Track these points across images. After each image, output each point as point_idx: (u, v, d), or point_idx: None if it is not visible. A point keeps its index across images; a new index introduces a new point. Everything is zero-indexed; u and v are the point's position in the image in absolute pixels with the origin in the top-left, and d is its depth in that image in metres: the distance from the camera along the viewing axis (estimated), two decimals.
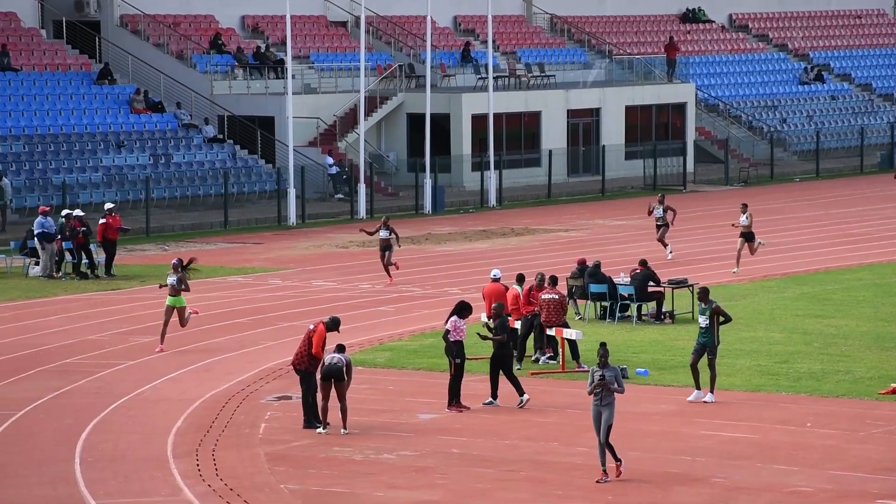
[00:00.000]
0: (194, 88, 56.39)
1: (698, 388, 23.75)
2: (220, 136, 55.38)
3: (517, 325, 26.87)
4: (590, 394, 19.35)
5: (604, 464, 19.23)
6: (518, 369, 26.24)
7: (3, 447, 21.15)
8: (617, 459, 19.32)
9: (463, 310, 23.67)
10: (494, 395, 23.74)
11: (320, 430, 22.10)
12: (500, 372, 23.67)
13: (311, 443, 21.58)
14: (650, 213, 39.45)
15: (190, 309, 28.20)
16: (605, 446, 19.17)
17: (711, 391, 23.70)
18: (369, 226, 39.25)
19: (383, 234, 35.81)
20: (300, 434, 22.05)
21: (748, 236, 36.82)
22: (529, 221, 50.14)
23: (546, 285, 26.75)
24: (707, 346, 23.56)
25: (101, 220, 37.52)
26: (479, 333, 24.31)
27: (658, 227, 39.21)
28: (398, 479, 19.77)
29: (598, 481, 19.19)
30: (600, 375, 19.20)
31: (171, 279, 27.87)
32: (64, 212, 38.84)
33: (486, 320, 25.58)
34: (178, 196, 50.93)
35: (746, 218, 36.69)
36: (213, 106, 56.23)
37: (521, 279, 27.55)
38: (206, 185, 51.63)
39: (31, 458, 20.61)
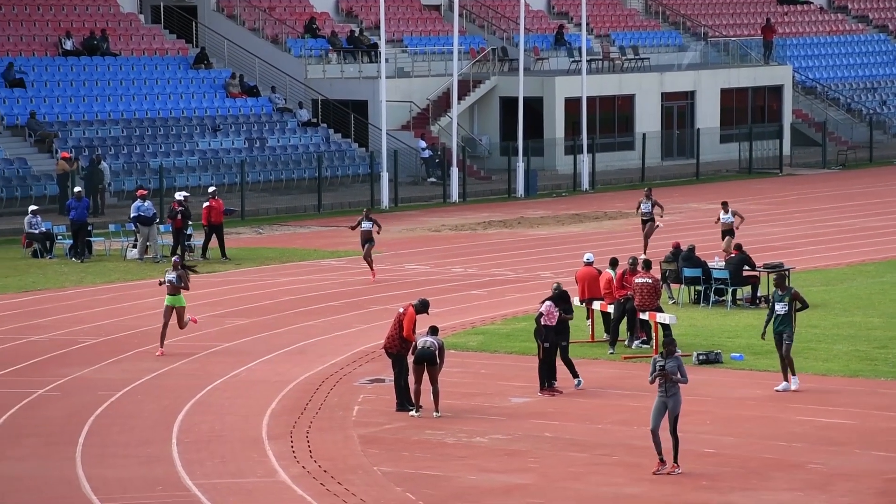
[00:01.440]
0: (289, 72, 56.75)
1: (786, 378, 23.53)
2: (314, 120, 55.69)
3: (610, 309, 26.81)
4: (651, 383, 19.08)
5: (660, 453, 18.88)
6: (611, 353, 26.19)
7: (103, 427, 21.49)
8: (675, 459, 18.85)
9: (560, 299, 23.68)
10: (575, 375, 23.79)
11: (413, 412, 22.20)
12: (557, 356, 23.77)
13: (404, 425, 21.69)
14: (638, 208, 37.79)
15: (189, 316, 26.84)
16: (672, 436, 18.79)
17: (794, 375, 23.44)
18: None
19: (365, 225, 34.22)
20: (393, 417, 22.17)
21: (730, 234, 34.87)
22: (623, 205, 49.88)
23: (639, 269, 26.66)
24: (784, 332, 23.27)
25: (205, 204, 37.80)
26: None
27: (644, 222, 37.50)
28: (490, 462, 19.81)
29: (655, 472, 18.79)
30: (661, 365, 18.92)
31: (171, 276, 26.47)
32: (179, 195, 39.14)
33: (578, 303, 25.55)
34: (272, 179, 51.32)
35: (732, 214, 35.30)
36: (308, 90, 56.56)
37: (614, 263, 27.47)
38: (300, 169, 51.96)
39: (131, 438, 20.91)
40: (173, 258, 27.21)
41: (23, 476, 19.00)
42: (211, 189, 39.42)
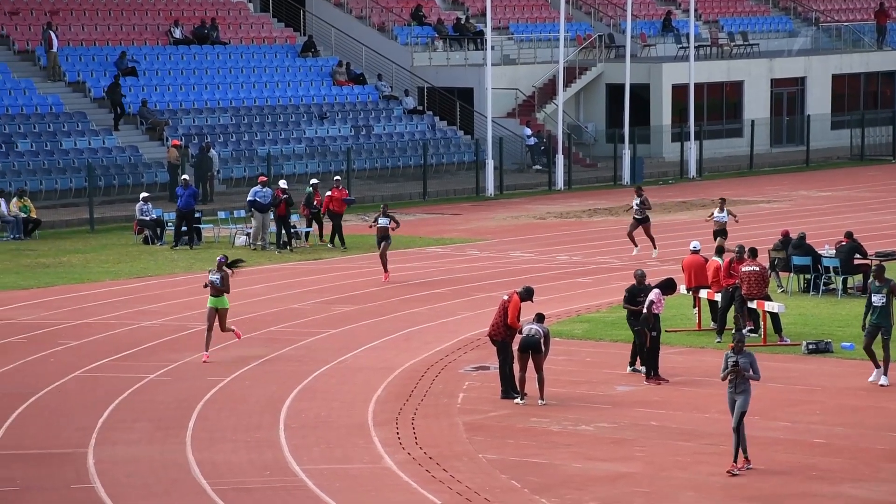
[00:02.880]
0: (395, 60, 56.95)
1: (877, 366, 23.14)
2: (420, 108, 55.84)
3: (717, 297, 26.61)
4: (723, 379, 18.70)
5: (745, 451, 18.46)
6: (718, 342, 25.99)
7: (212, 412, 21.75)
8: (743, 453, 18.42)
9: (668, 287, 23.57)
10: (635, 364, 23.76)
11: (518, 400, 22.20)
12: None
13: (509, 413, 21.70)
14: (631, 208, 35.80)
15: (234, 327, 25.63)
16: (735, 432, 18.40)
17: (885, 374, 23.02)
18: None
19: (382, 221, 32.50)
20: (498, 404, 22.19)
21: (722, 234, 32.67)
22: (730, 192, 49.43)
23: (746, 257, 26.42)
24: (882, 326, 22.80)
25: (328, 193, 37.98)
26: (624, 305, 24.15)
27: (637, 221, 35.16)
28: (596, 450, 19.76)
29: (730, 472, 18.35)
30: (734, 361, 18.51)
31: (214, 277, 25.28)
32: (313, 181, 39.39)
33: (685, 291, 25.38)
34: (378, 167, 51.57)
35: (726, 214, 33.34)
36: (414, 77, 56.71)
37: (720, 251, 27.27)
38: (405, 157, 52.15)
39: (239, 423, 21.14)
40: (217, 258, 25.63)
41: (134, 459, 19.30)
42: (336, 178, 39.44)
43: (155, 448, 19.83)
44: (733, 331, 26.53)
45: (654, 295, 23.36)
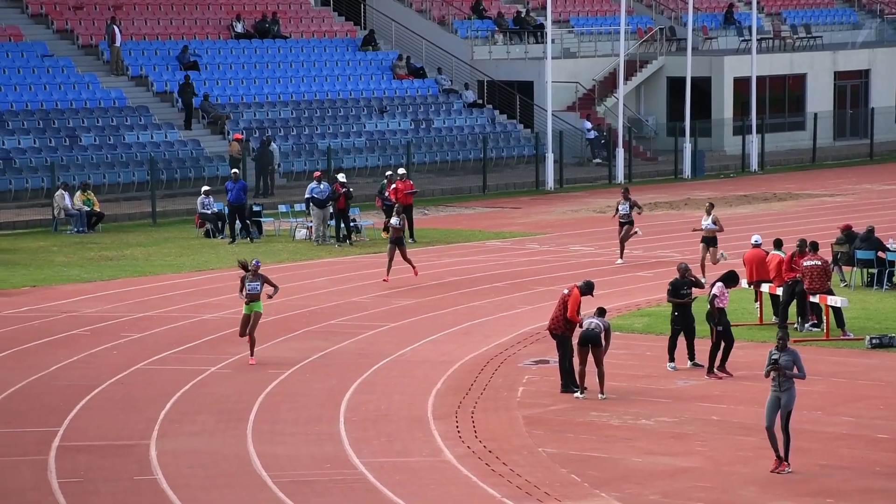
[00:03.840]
0: (455, 54, 56.95)
1: None
2: (480, 101, 55.81)
3: (779, 291, 26.44)
4: (766, 377, 18.32)
5: (776, 450, 18.13)
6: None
7: (273, 405, 21.85)
8: (785, 458, 18.09)
9: (730, 279, 23.44)
10: (672, 358, 23.70)
11: (578, 394, 22.16)
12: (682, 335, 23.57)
13: (569, 407, 21.66)
14: (616, 213, 33.78)
15: (251, 360, 24.28)
16: (783, 433, 18.08)
17: None
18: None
19: (394, 221, 31.46)
20: (557, 398, 22.16)
21: (710, 241, 31.19)
22: (792, 186, 49.13)
23: (807, 251, 26.22)
24: None
25: (392, 186, 38.00)
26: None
27: (621, 224, 33.54)
28: (656, 445, 19.69)
29: (773, 471, 18.10)
30: (775, 359, 18.09)
31: (252, 284, 24.23)
32: (388, 172, 39.37)
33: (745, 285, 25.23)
34: (437, 161, 51.60)
35: (713, 222, 31.18)
36: (473, 71, 56.69)
37: (778, 244, 27.11)
38: (465, 150, 52.15)
39: (300, 416, 21.23)
40: (253, 261, 24.63)
41: (196, 451, 19.42)
42: (400, 171, 39.37)
43: (216, 440, 19.95)
44: (795, 325, 26.40)
45: (716, 289, 23.24)
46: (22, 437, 20.06)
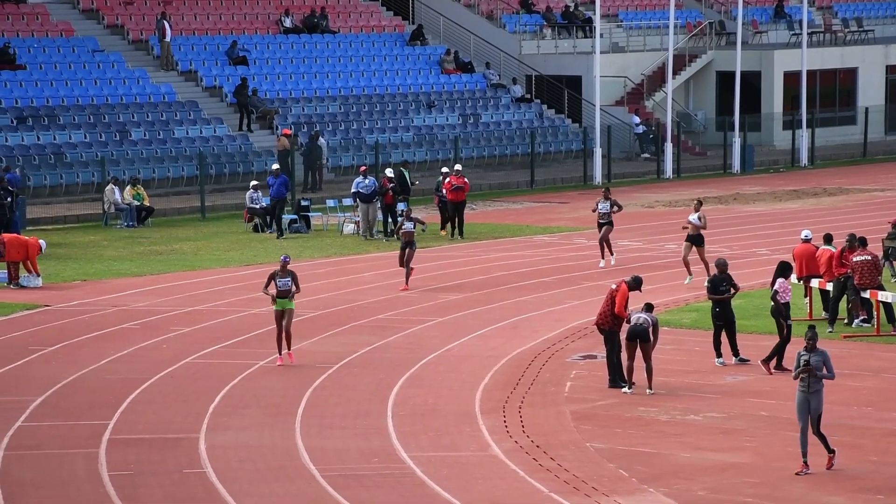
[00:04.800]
0: (503, 48, 56.92)
1: None
2: (528, 96, 55.76)
3: (829, 286, 26.31)
4: (795, 378, 18.11)
5: (805, 454, 17.93)
6: (830, 332, 25.70)
7: (321, 399, 21.94)
8: (830, 451, 18.00)
9: (786, 270, 23.37)
10: (719, 354, 23.66)
11: (625, 389, 22.13)
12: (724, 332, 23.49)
13: (617, 402, 21.64)
14: (595, 210, 32.93)
15: (289, 355, 23.99)
16: (817, 436, 17.92)
17: None
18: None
19: (407, 226, 30.29)
20: (605, 393, 22.14)
21: (696, 240, 30.34)
22: (843, 181, 48.84)
23: (857, 246, 26.08)
24: None
25: (446, 180, 37.95)
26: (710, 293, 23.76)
27: (600, 225, 32.59)
28: (705, 440, 19.65)
29: (797, 473, 17.92)
30: (806, 360, 17.89)
31: (282, 281, 23.74)
32: (444, 169, 39.27)
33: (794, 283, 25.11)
34: (485, 155, 51.60)
35: (698, 218, 30.29)
36: (521, 66, 56.64)
37: (828, 239, 26.97)
38: (513, 145, 52.13)
39: (348, 410, 21.30)
40: (282, 258, 24.27)
41: (245, 445, 19.53)
42: (457, 167, 39.20)
43: (265, 434, 20.05)
44: (845, 320, 26.27)
45: (778, 284, 23.16)
46: (74, 429, 20.24)
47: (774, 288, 23.14)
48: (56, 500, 17.28)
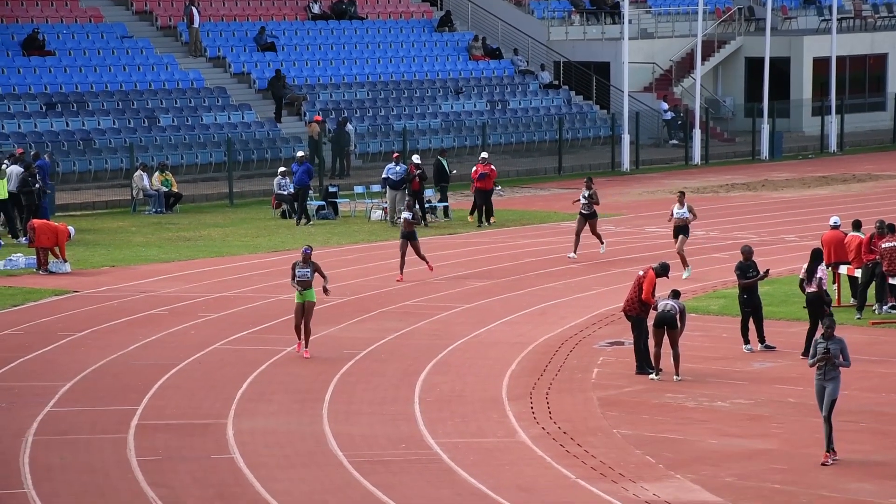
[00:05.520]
0: (531, 34, 56.83)
1: None
2: (556, 82, 55.67)
3: (857, 273, 26.22)
4: (811, 366, 18.02)
5: (831, 443, 17.76)
6: (858, 318, 25.61)
7: (348, 385, 21.98)
8: (829, 447, 17.75)
9: (820, 257, 23.29)
10: (746, 340, 23.55)
11: (653, 376, 22.11)
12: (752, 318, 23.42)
13: (644, 388, 21.62)
14: (577, 201, 32.04)
15: (306, 352, 23.54)
16: (826, 423, 17.76)
17: None
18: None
19: (405, 215, 29.60)
20: (632, 380, 22.12)
21: (683, 231, 29.36)
22: (872, 167, 48.63)
23: (886, 233, 25.97)
24: None
25: (473, 168, 37.97)
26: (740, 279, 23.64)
27: (584, 216, 31.52)
28: (732, 427, 19.62)
29: (823, 464, 17.77)
30: (824, 348, 17.76)
31: (303, 271, 23.34)
32: (483, 154, 39.04)
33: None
34: (513, 142, 51.56)
35: (688, 209, 29.38)
36: (550, 52, 56.55)
37: (857, 226, 26.87)
38: (540, 131, 52.07)
39: (375, 396, 21.34)
40: (304, 249, 23.65)
41: (272, 431, 19.59)
42: (482, 155, 38.94)
43: (293, 420, 20.10)
44: (873, 307, 26.16)
45: (821, 272, 23.08)
46: (102, 415, 20.33)
47: (818, 276, 22.96)
48: (84, 486, 17.36)
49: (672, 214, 29.66)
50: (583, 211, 31.62)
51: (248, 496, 17.01)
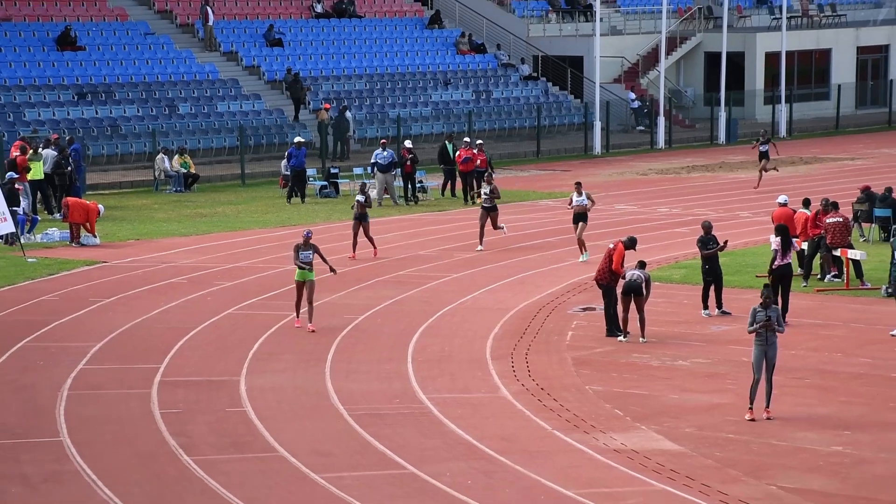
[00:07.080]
0: (512, 31, 56.76)
1: None
2: (535, 75, 55.61)
3: (804, 246, 26.29)
4: (750, 332, 17.92)
5: (752, 402, 17.73)
6: (804, 286, 25.69)
7: (347, 347, 22.01)
8: (768, 404, 17.71)
9: (786, 233, 23.05)
10: (706, 306, 23.53)
11: (621, 338, 22.18)
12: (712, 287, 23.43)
13: (613, 349, 21.68)
14: (479, 196, 30.37)
15: (311, 326, 22.66)
16: (768, 384, 17.67)
17: None
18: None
19: (359, 198, 28.19)
20: (603, 342, 22.18)
21: (582, 217, 28.11)
22: (818, 151, 48.71)
23: (829, 209, 26.03)
24: None
25: (457, 153, 37.85)
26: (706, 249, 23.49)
27: (486, 209, 29.93)
28: (691, 383, 19.69)
29: (748, 419, 17.67)
30: (767, 316, 17.66)
31: (304, 253, 22.66)
32: (478, 141, 38.73)
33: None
34: (496, 128, 51.52)
35: (586, 197, 28.23)
36: (529, 47, 56.48)
37: (806, 203, 26.93)
38: (521, 119, 52.04)
39: (371, 356, 21.38)
40: (304, 233, 23.08)
41: (280, 387, 19.64)
42: (465, 140, 38.34)
43: (299, 377, 20.15)
44: (818, 276, 26.24)
45: (776, 244, 22.90)
46: (129, 372, 20.36)
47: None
48: (113, 435, 17.41)
49: (571, 201, 28.39)
50: (484, 205, 29.95)
51: (259, 444, 17.06)
